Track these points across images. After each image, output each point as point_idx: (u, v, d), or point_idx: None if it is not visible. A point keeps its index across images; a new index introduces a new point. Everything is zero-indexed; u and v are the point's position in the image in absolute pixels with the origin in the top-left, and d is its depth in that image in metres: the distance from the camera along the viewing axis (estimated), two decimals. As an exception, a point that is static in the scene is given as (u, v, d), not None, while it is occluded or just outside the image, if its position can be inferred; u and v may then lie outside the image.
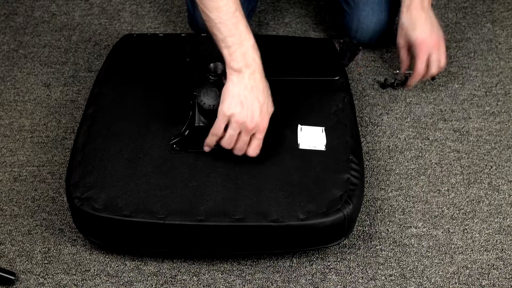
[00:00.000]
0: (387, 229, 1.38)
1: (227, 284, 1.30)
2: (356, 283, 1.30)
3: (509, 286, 1.30)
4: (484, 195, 1.43)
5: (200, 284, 1.30)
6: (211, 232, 1.24)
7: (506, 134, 1.54)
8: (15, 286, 1.29)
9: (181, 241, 1.27)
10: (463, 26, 1.77)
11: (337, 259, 1.33)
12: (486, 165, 1.48)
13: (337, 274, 1.31)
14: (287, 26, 1.77)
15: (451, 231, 1.38)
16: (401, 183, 1.45)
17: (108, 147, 1.32)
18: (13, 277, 1.28)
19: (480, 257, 1.34)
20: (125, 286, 1.29)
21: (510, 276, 1.32)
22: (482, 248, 1.35)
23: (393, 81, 1.61)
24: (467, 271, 1.32)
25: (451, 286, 1.30)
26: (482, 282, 1.31)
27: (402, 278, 1.31)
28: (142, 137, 1.34)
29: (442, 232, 1.38)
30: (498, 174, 1.47)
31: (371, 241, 1.36)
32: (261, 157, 1.30)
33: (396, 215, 1.40)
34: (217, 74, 1.30)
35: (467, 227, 1.38)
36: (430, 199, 1.42)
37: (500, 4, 1.82)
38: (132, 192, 1.26)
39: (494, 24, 1.77)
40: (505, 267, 1.33)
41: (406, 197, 1.43)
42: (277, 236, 1.25)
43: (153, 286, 1.29)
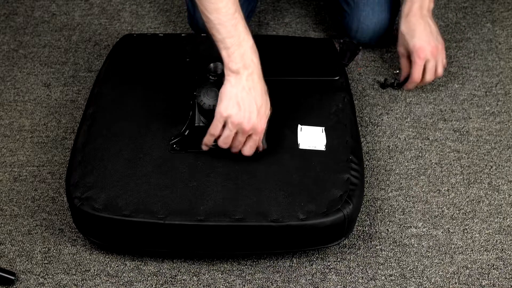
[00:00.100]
0: (387, 229, 1.38)
1: (227, 284, 1.30)
2: (356, 283, 1.30)
3: (509, 286, 1.30)
4: (484, 195, 1.43)
5: (200, 284, 1.30)
6: (211, 232, 1.24)
7: (506, 134, 1.54)
8: (15, 286, 1.29)
9: (181, 241, 1.27)
10: (463, 26, 1.77)
11: (337, 259, 1.33)
12: (486, 165, 1.48)
13: (337, 274, 1.31)
14: (287, 26, 1.77)
15: (451, 231, 1.38)
16: (401, 183, 1.45)
17: (108, 147, 1.32)
18: (13, 277, 1.28)
19: (480, 257, 1.34)
20: (125, 286, 1.29)
21: (510, 276, 1.32)
22: (482, 248, 1.35)
23: (393, 81, 1.61)
24: (467, 271, 1.32)
25: (451, 286, 1.30)
26: (482, 282, 1.31)
27: (402, 278, 1.31)
28: (142, 137, 1.34)
29: (442, 232, 1.38)
30: (498, 174, 1.47)
31: (371, 241, 1.36)
32: (261, 157, 1.30)
33: (396, 215, 1.40)
34: (217, 74, 1.30)
35: (467, 227, 1.38)
36: (430, 199, 1.42)
37: (500, 4, 1.82)
38: (132, 192, 1.26)
39: (494, 24, 1.77)
40: (505, 267, 1.33)
41: (406, 197, 1.43)
42: (277, 236, 1.25)
43: (153, 286, 1.29)
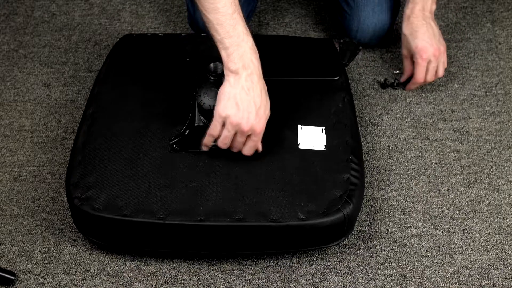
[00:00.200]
0: (387, 229, 1.38)
1: (227, 284, 1.30)
2: (356, 283, 1.30)
3: (509, 286, 1.30)
4: (484, 195, 1.43)
5: (200, 284, 1.30)
6: (211, 232, 1.24)
7: (506, 134, 1.54)
8: (15, 286, 1.29)
9: (181, 241, 1.27)
10: (463, 26, 1.77)
11: (337, 259, 1.33)
12: (486, 165, 1.48)
13: (337, 274, 1.31)
14: (287, 26, 1.77)
15: (451, 231, 1.38)
16: (401, 183, 1.45)
17: (108, 147, 1.32)
18: (13, 277, 1.28)
19: (480, 257, 1.34)
20: (125, 286, 1.29)
21: (510, 276, 1.32)
22: (482, 248, 1.35)
23: (393, 81, 1.61)
24: (467, 271, 1.32)
25: (451, 286, 1.30)
26: (482, 282, 1.31)
27: (402, 278, 1.31)
28: (142, 137, 1.34)
29: (442, 232, 1.38)
30: (498, 174, 1.47)
31: (371, 241, 1.36)
32: (261, 157, 1.30)
33: (396, 215, 1.40)
34: (217, 74, 1.30)
35: (467, 227, 1.38)
36: (430, 199, 1.42)
37: (500, 4, 1.82)
38: (132, 192, 1.26)
39: (494, 24, 1.77)
40: (505, 267, 1.33)
41: (406, 197, 1.43)
42: (277, 236, 1.25)
43: (153, 286, 1.29)
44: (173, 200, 1.25)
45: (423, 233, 1.37)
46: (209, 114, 1.29)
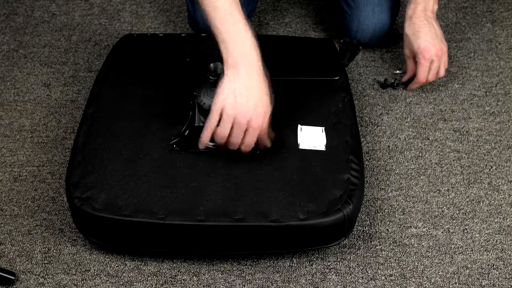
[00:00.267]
0: (387, 229, 1.38)
1: (227, 284, 1.30)
2: (356, 283, 1.30)
3: (509, 286, 1.30)
4: (484, 195, 1.43)
5: (200, 284, 1.30)
6: (211, 232, 1.24)
7: (506, 134, 1.54)
8: (15, 286, 1.29)
9: (181, 241, 1.27)
10: (463, 26, 1.77)
11: (337, 259, 1.33)
12: (486, 165, 1.48)
13: (337, 274, 1.31)
14: (287, 26, 1.77)
15: (451, 231, 1.38)
16: (401, 183, 1.45)
17: (108, 147, 1.32)
18: (13, 277, 1.28)
19: (480, 257, 1.34)
20: (125, 286, 1.29)
21: (510, 276, 1.32)
22: (482, 248, 1.35)
23: (393, 81, 1.61)
24: (467, 271, 1.32)
25: (451, 286, 1.30)
26: (482, 282, 1.31)
27: (402, 278, 1.31)
28: (142, 137, 1.34)
29: (442, 232, 1.38)
30: (498, 174, 1.47)
31: (371, 241, 1.36)
32: (261, 157, 1.30)
33: (396, 215, 1.40)
34: (217, 74, 1.30)
35: (467, 227, 1.38)
36: (430, 199, 1.42)
37: (500, 4, 1.82)
38: (132, 192, 1.26)
39: (494, 24, 1.77)
40: (505, 267, 1.33)
41: (406, 197, 1.43)
42: (277, 236, 1.25)
43: (153, 286, 1.29)
44: (173, 200, 1.24)
45: (423, 233, 1.37)
46: (209, 114, 1.29)
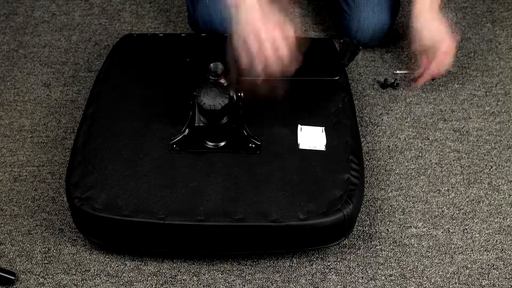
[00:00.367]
0: (387, 229, 1.38)
1: (227, 284, 1.30)
2: (356, 283, 1.30)
3: (509, 286, 1.30)
4: (484, 195, 1.43)
5: (200, 284, 1.30)
6: (211, 232, 1.24)
7: (506, 134, 1.54)
8: (15, 286, 1.29)
9: (181, 241, 1.27)
10: (463, 26, 1.76)
11: (337, 259, 1.33)
12: (486, 165, 1.48)
13: (337, 274, 1.31)
14: (287, 26, 1.77)
15: (451, 231, 1.38)
16: (401, 183, 1.45)
17: (108, 147, 1.32)
18: (13, 277, 1.28)
19: (480, 257, 1.34)
20: (125, 286, 1.29)
21: (510, 276, 1.32)
22: (482, 248, 1.35)
23: (393, 81, 1.61)
24: (467, 271, 1.32)
25: (451, 286, 1.30)
26: (482, 282, 1.31)
27: (402, 278, 1.31)
28: (142, 137, 1.34)
29: (442, 232, 1.38)
30: (498, 174, 1.47)
31: (371, 241, 1.36)
32: (261, 157, 1.30)
33: (396, 215, 1.40)
34: (217, 74, 1.30)
35: (467, 227, 1.38)
36: (430, 199, 1.42)
37: (500, 4, 1.82)
38: (132, 192, 1.26)
39: (494, 24, 1.77)
40: (505, 267, 1.33)
41: (406, 197, 1.43)
42: (277, 236, 1.25)
43: (153, 286, 1.29)
44: (173, 200, 1.24)
45: (423, 233, 1.37)
46: (209, 114, 1.29)
